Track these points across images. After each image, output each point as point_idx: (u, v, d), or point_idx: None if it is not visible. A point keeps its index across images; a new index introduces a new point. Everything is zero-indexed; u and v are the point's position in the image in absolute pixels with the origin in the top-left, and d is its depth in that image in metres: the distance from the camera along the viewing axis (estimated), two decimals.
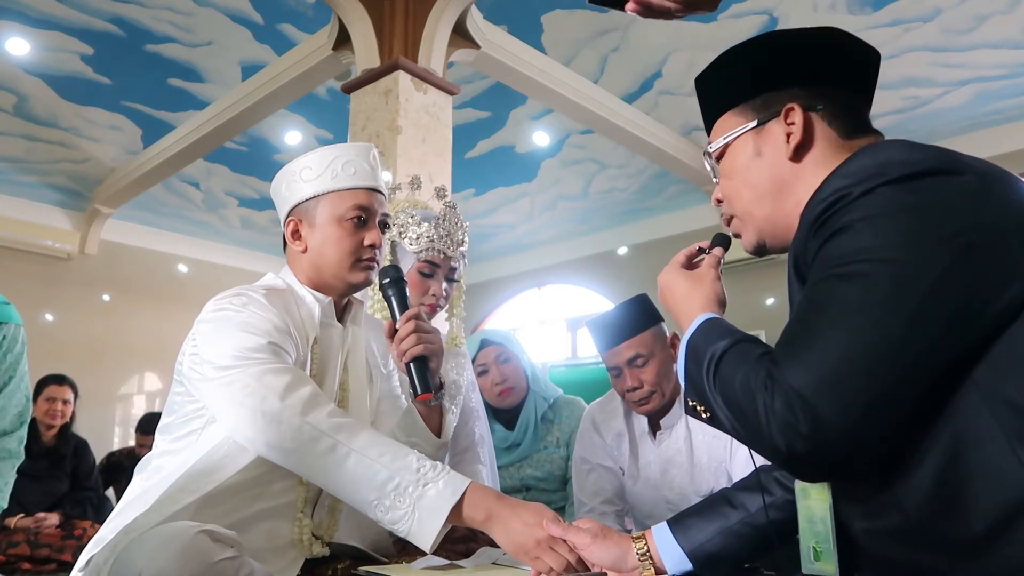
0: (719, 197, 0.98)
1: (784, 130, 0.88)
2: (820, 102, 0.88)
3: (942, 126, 4.97)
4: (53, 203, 6.25)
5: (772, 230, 0.92)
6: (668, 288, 0.98)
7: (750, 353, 0.77)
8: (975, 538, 0.66)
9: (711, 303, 0.92)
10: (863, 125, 0.90)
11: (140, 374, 6.84)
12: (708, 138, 0.98)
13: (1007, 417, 0.66)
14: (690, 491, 1.73)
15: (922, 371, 0.68)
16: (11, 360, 1.53)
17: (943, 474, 0.69)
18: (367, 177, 1.27)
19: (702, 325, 0.87)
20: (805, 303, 0.74)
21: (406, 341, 1.25)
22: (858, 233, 0.71)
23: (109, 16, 3.99)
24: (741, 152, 0.92)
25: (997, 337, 0.68)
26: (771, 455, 0.73)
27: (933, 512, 0.69)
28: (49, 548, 3.12)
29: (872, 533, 0.76)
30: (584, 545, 1.01)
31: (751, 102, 0.92)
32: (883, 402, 0.67)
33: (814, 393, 0.67)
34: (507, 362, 2.23)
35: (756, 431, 0.72)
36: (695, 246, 1.03)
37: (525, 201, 6.55)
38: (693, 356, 0.84)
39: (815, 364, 0.68)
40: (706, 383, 0.80)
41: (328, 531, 1.24)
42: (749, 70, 0.92)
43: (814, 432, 0.67)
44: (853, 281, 0.70)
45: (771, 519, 1.00)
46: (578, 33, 4.23)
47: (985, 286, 0.68)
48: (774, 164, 0.89)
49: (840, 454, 0.68)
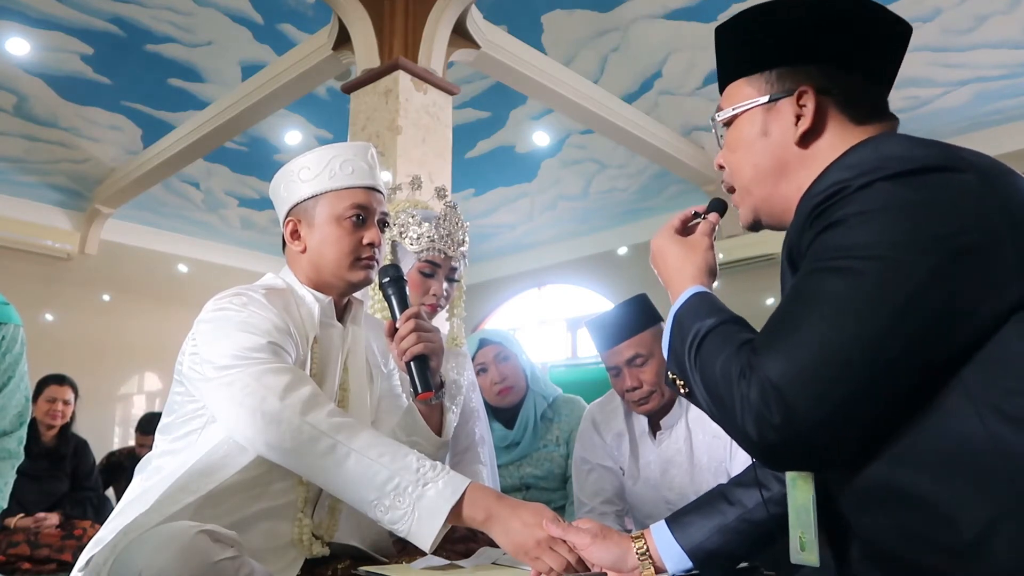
0: (721, 163, 0.96)
1: (794, 111, 0.86)
2: (836, 86, 0.85)
3: (942, 126, 4.98)
4: (53, 203, 6.25)
5: (769, 210, 0.91)
6: (660, 253, 0.97)
7: (733, 337, 0.77)
8: (965, 543, 0.66)
9: (702, 274, 0.92)
10: (879, 110, 0.87)
11: (140, 374, 6.84)
12: (716, 90, 0.96)
13: (995, 423, 0.66)
14: (690, 491, 1.73)
15: (903, 369, 0.67)
16: (10, 360, 1.53)
17: (933, 478, 0.68)
18: (365, 176, 1.27)
19: (691, 299, 0.87)
20: (792, 293, 0.74)
21: (406, 340, 1.25)
22: (852, 228, 0.71)
23: (109, 16, 3.99)
24: (748, 127, 0.90)
25: (988, 341, 0.68)
26: (743, 442, 0.73)
27: (924, 516, 0.69)
28: (49, 548, 3.12)
29: (869, 527, 0.76)
30: (584, 545, 1.01)
31: (766, 74, 0.88)
32: (858, 398, 0.67)
33: (789, 384, 0.67)
34: (506, 361, 2.23)
35: (730, 417, 0.73)
36: (691, 210, 1.02)
37: (525, 201, 6.55)
38: (678, 330, 0.84)
39: (792, 356, 0.68)
40: (687, 359, 0.80)
41: (328, 531, 1.24)
42: (769, 37, 0.88)
43: (786, 423, 0.67)
44: (841, 275, 0.69)
45: (771, 514, 1.00)
46: (578, 33, 4.23)
47: (978, 287, 0.67)
48: (780, 146, 0.87)
49: (811, 446, 0.69)
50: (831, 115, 0.85)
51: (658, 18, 4.03)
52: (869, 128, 0.85)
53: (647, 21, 4.08)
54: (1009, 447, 0.65)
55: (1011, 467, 0.64)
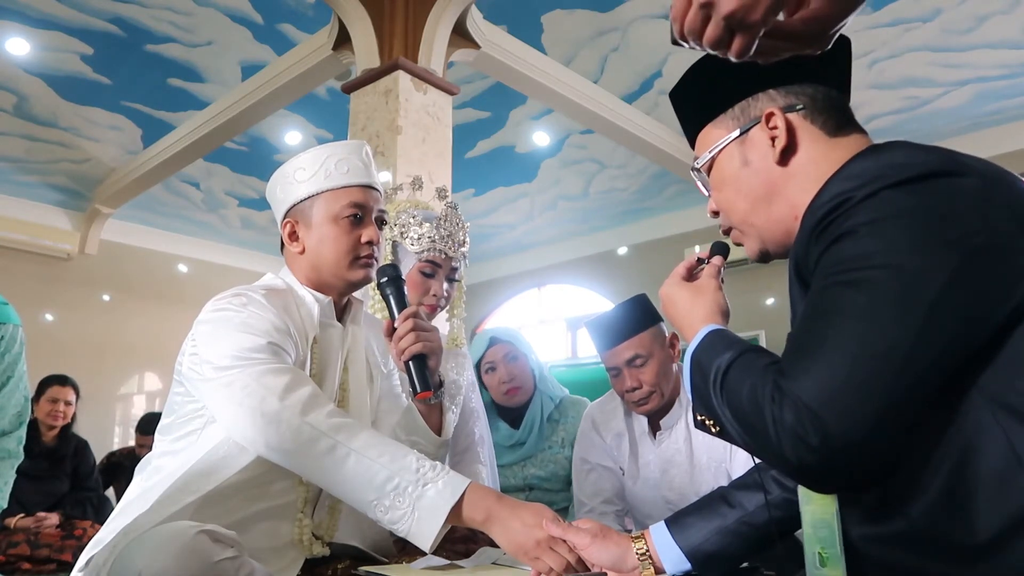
0: (714, 209, 0.97)
1: (768, 135, 0.87)
2: (799, 101, 0.87)
3: (942, 126, 4.97)
4: (53, 203, 6.25)
5: (773, 237, 0.91)
6: (670, 301, 0.98)
7: (756, 364, 0.76)
8: (980, 546, 0.66)
9: (714, 314, 0.92)
10: (848, 119, 0.88)
11: (140, 374, 6.84)
12: (693, 153, 0.97)
13: (1011, 424, 0.65)
14: (690, 491, 1.73)
15: (931, 379, 0.67)
16: (9, 360, 1.53)
17: (949, 481, 0.68)
18: (361, 174, 1.27)
19: (706, 338, 0.86)
20: (810, 311, 0.73)
21: (404, 340, 1.25)
22: (862, 238, 0.70)
23: (109, 16, 3.99)
24: (728, 163, 0.91)
25: (1002, 342, 0.67)
26: (781, 467, 0.72)
27: (938, 519, 0.69)
28: (49, 548, 3.13)
29: (875, 539, 0.75)
30: (584, 545, 1.01)
31: (729, 112, 0.91)
32: (893, 412, 0.66)
33: (823, 405, 0.66)
34: (515, 361, 2.22)
35: (765, 443, 0.71)
36: (694, 257, 1.03)
37: (525, 201, 6.54)
38: (699, 370, 0.83)
39: (823, 375, 0.67)
40: (714, 397, 0.79)
41: (328, 531, 1.24)
42: (720, 81, 0.91)
43: (824, 444, 0.66)
44: (860, 288, 0.69)
45: (772, 517, 1.00)
46: (578, 33, 4.22)
47: (992, 290, 0.67)
48: (763, 170, 0.88)
49: (851, 465, 0.67)
50: (803, 129, 0.87)
51: (658, 18, 4.03)
52: (843, 137, 0.86)
53: (647, 21, 4.08)
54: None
55: None
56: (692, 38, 0.68)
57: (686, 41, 0.70)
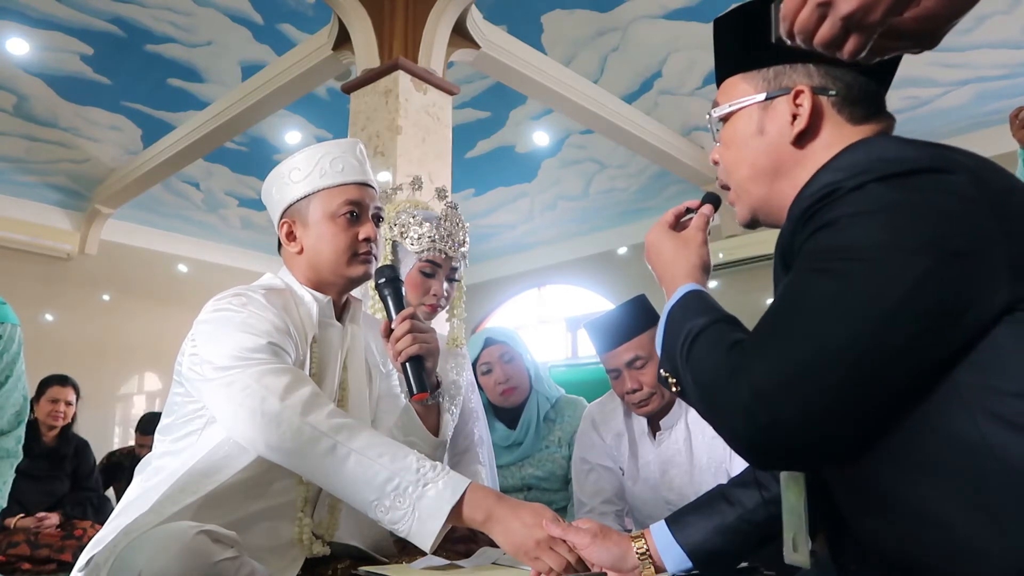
0: (716, 159, 0.95)
1: (791, 110, 0.85)
2: (834, 87, 0.84)
3: (942, 126, 4.98)
4: (53, 203, 6.25)
5: (767, 208, 0.90)
6: (654, 249, 0.97)
7: (725, 337, 0.77)
8: (961, 540, 0.66)
9: (696, 270, 0.92)
10: (876, 109, 0.86)
11: (140, 374, 6.84)
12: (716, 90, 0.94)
13: (986, 424, 0.65)
14: (690, 491, 1.73)
15: (892, 372, 0.67)
16: (8, 360, 1.53)
17: (929, 477, 0.68)
18: (356, 172, 1.27)
19: (684, 297, 0.87)
20: (783, 295, 0.74)
21: (402, 341, 1.25)
22: (843, 230, 0.70)
23: (109, 16, 3.99)
24: (744, 125, 0.89)
25: (980, 341, 0.67)
26: (731, 441, 0.74)
27: (921, 513, 0.69)
28: (49, 548, 3.13)
29: (866, 528, 0.76)
30: (584, 545, 1.01)
31: (763, 71, 0.88)
32: (845, 400, 0.67)
33: (776, 387, 0.68)
34: (511, 361, 2.22)
35: (719, 416, 0.73)
36: (683, 205, 1.02)
37: (525, 201, 6.55)
38: (671, 328, 0.85)
39: (781, 359, 0.69)
40: (679, 358, 0.81)
41: (328, 530, 1.24)
42: (767, 34, 0.84)
43: (772, 425, 0.68)
44: (832, 278, 0.69)
45: (770, 515, 1.00)
46: (578, 33, 4.23)
47: (969, 289, 0.66)
48: (775, 146, 0.86)
49: (798, 447, 0.69)
50: (827, 115, 0.84)
51: (658, 18, 4.03)
52: (866, 128, 0.84)
53: (647, 21, 4.08)
54: (1002, 448, 0.64)
55: (1004, 468, 0.64)
56: (802, 37, 0.67)
57: (792, 39, 0.68)
